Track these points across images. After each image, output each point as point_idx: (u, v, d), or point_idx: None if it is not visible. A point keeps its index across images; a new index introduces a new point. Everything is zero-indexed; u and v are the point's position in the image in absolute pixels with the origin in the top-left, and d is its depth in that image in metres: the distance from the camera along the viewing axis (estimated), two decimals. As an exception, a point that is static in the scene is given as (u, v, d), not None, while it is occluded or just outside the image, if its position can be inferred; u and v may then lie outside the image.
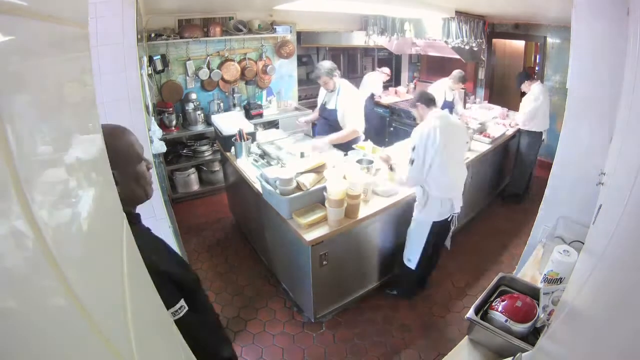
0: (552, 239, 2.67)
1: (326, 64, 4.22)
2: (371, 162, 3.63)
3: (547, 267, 2.29)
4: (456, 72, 5.65)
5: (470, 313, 2.04)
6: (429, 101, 3.27)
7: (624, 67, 1.90)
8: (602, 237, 1.17)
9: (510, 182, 5.60)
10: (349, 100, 4.25)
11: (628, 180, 0.94)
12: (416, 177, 3.12)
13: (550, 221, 2.80)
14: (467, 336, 2.09)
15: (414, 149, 3.11)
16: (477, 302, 2.12)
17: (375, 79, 6.99)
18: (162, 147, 3.89)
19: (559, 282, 2.22)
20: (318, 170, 3.18)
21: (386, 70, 7.03)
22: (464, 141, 3.61)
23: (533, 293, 2.17)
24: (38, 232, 0.49)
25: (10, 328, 0.42)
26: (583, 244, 2.13)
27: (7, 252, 0.45)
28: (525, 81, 5.15)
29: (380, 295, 3.74)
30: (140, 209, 2.37)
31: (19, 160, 0.48)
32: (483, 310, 2.11)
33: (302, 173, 3.07)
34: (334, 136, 4.22)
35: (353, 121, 4.23)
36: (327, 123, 4.44)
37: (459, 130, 3.40)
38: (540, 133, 5.09)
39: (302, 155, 3.84)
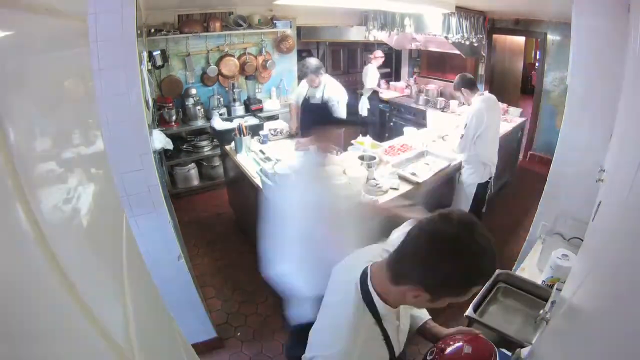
0: (551, 235, 2.67)
1: (313, 62, 4.30)
2: (374, 158, 3.62)
3: (545, 273, 2.28)
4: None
5: (469, 311, 2.05)
6: (471, 84, 3.86)
7: (624, 64, 1.89)
8: (601, 233, 1.17)
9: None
10: (336, 93, 4.38)
11: (628, 177, 0.94)
12: (462, 146, 3.88)
13: (550, 217, 2.80)
14: None
15: (465, 126, 3.78)
16: (475, 299, 2.13)
17: (369, 73, 6.95)
18: (168, 144, 3.91)
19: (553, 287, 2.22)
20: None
21: (378, 54, 6.96)
22: (500, 120, 4.27)
23: (531, 289, 2.17)
24: (37, 229, 0.49)
25: (10, 325, 0.43)
26: (582, 240, 2.13)
27: (7, 249, 0.45)
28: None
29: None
30: (139, 204, 2.38)
31: (17, 157, 0.48)
32: (482, 307, 2.12)
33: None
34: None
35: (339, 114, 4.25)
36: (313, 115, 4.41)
37: (499, 110, 4.15)
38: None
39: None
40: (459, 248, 1.04)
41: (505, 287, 2.27)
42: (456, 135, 4.10)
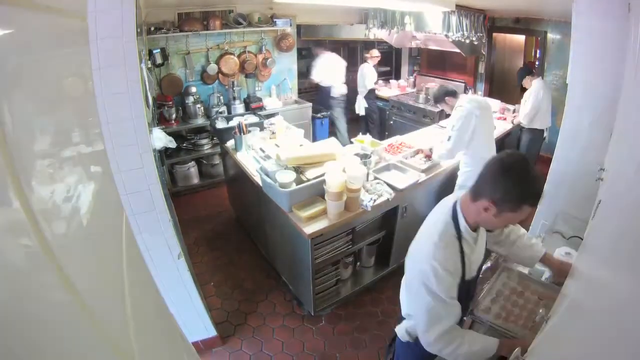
0: (551, 234, 2.67)
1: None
2: (368, 156, 3.62)
3: (548, 271, 2.28)
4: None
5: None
6: (454, 93, 3.77)
7: (624, 63, 1.89)
8: (601, 232, 1.17)
9: None
10: None
11: (627, 176, 0.95)
12: (454, 149, 3.60)
13: (550, 216, 2.80)
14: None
15: (453, 127, 3.57)
16: (479, 296, 2.12)
17: (367, 72, 6.92)
18: (171, 143, 3.91)
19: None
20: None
21: (375, 53, 6.92)
22: (492, 118, 4.00)
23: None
24: (36, 227, 0.49)
25: (10, 322, 0.43)
26: (582, 239, 2.13)
27: (6, 247, 0.45)
28: (526, 77, 5.08)
29: (380, 289, 3.76)
30: (140, 203, 2.38)
31: (17, 155, 0.48)
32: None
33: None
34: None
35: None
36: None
37: (489, 108, 3.83)
38: (542, 131, 5.06)
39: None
40: (516, 170, 1.49)
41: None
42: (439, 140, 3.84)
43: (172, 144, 3.97)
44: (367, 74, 6.86)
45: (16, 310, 0.44)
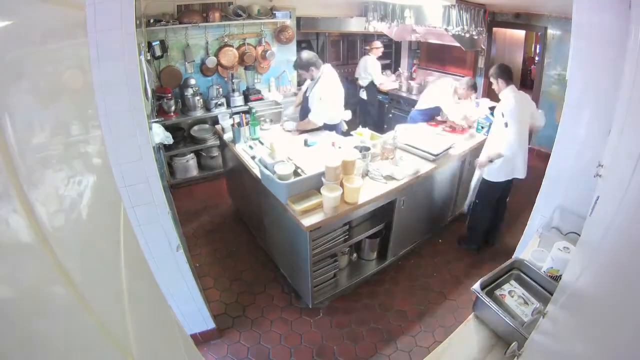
0: (548, 229, 2.68)
1: (304, 56, 4.21)
2: (368, 148, 3.61)
3: (546, 264, 2.29)
4: (468, 80, 4.79)
5: (476, 286, 2.06)
6: (508, 78, 3.71)
7: (624, 60, 1.89)
8: (598, 228, 1.17)
9: None
10: (317, 93, 4.22)
11: (626, 172, 0.95)
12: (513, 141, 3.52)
13: (547, 212, 2.81)
14: (472, 314, 2.12)
15: (503, 115, 3.56)
16: (485, 277, 2.14)
17: (369, 64, 6.92)
18: (167, 139, 3.91)
19: (559, 280, 2.23)
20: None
21: (377, 44, 6.92)
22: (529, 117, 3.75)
23: (543, 282, 2.19)
24: (34, 219, 0.49)
25: (8, 315, 0.43)
26: (579, 235, 2.14)
27: (4, 242, 0.45)
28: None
29: (378, 282, 3.77)
30: (138, 195, 2.38)
31: (15, 148, 0.48)
32: (490, 288, 2.14)
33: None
34: (300, 125, 4.41)
35: (313, 112, 4.26)
36: (305, 109, 4.48)
37: (529, 106, 3.78)
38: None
39: (305, 142, 3.89)
40: None
41: (519, 274, 2.29)
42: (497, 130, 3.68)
43: (168, 140, 3.96)
44: (370, 66, 6.86)
45: (14, 303, 0.44)
